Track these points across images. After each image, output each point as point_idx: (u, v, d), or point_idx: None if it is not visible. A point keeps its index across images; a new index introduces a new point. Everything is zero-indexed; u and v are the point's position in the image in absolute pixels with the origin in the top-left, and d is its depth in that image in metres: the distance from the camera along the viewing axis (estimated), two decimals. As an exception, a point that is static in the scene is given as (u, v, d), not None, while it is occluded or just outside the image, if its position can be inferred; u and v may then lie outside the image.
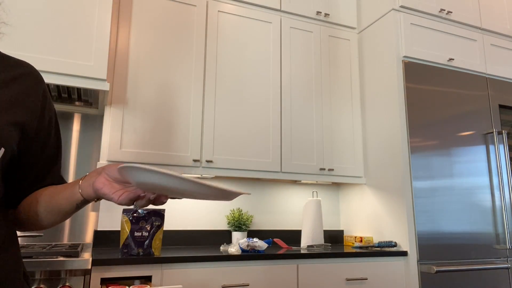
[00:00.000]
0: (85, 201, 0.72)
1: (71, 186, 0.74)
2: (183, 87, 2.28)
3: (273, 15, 2.62)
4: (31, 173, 0.80)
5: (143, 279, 1.75)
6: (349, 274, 2.13)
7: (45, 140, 0.80)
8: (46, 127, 0.80)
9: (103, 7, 1.99)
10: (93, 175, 0.71)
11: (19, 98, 0.74)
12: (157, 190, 0.66)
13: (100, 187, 0.67)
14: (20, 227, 0.82)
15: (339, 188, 2.96)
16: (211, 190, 0.64)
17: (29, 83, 0.78)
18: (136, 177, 0.62)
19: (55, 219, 0.77)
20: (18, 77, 0.76)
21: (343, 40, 2.84)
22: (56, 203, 0.75)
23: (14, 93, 0.74)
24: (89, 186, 0.70)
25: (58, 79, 1.86)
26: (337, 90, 2.74)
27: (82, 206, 0.74)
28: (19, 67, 0.78)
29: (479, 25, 2.85)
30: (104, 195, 0.67)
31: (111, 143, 2.06)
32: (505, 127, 2.75)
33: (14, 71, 0.77)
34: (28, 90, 0.77)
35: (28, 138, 0.76)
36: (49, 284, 1.53)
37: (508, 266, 2.45)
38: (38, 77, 0.80)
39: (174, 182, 0.61)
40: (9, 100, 0.72)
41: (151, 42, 2.25)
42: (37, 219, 0.78)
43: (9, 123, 0.71)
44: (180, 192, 0.66)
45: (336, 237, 2.85)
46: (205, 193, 0.66)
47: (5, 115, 0.71)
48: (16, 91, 0.75)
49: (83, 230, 2.22)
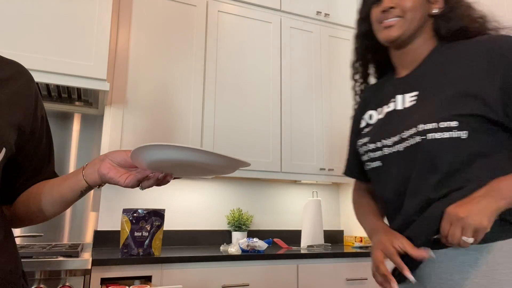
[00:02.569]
0: (89, 187, 0.76)
1: (73, 175, 0.76)
2: (183, 87, 2.28)
3: (273, 15, 2.62)
4: (26, 171, 0.81)
5: (143, 279, 1.75)
6: (349, 274, 2.13)
7: (39, 138, 0.82)
8: (39, 126, 0.81)
9: (103, 7, 1.99)
10: (96, 162, 0.74)
11: (14, 98, 0.75)
12: (168, 168, 0.69)
13: (106, 172, 0.70)
14: (18, 223, 0.83)
15: (339, 188, 2.96)
16: (223, 160, 0.67)
17: (22, 83, 0.79)
18: (149, 156, 0.65)
19: (57, 209, 0.80)
20: (11, 77, 0.77)
21: (343, 40, 2.84)
22: (58, 193, 0.77)
23: (10, 93, 0.75)
24: (94, 172, 0.73)
25: (58, 79, 1.86)
26: (337, 90, 2.74)
27: (85, 192, 0.78)
28: (10, 67, 0.79)
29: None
30: (110, 179, 0.70)
31: (111, 143, 2.06)
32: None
33: (6, 70, 0.77)
34: (22, 90, 0.78)
35: (24, 137, 0.77)
36: (49, 284, 1.53)
37: (508, 266, 2.45)
38: (29, 77, 0.81)
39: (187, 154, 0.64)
40: (6, 101, 0.73)
41: (151, 42, 2.25)
42: (40, 211, 0.80)
43: (8, 124, 0.72)
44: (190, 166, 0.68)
45: (336, 237, 2.85)
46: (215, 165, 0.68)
47: (4, 116, 0.71)
48: (12, 91, 0.76)
49: (83, 230, 2.22)
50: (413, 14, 0.88)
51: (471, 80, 0.82)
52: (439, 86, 0.85)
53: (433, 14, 0.91)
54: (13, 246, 0.74)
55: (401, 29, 0.89)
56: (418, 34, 0.92)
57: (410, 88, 0.91)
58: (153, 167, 0.69)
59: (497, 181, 0.76)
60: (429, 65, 0.91)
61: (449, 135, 0.79)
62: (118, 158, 0.72)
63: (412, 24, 0.89)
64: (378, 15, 0.92)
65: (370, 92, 1.06)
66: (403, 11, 0.88)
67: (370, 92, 1.06)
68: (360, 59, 1.06)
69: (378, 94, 1.01)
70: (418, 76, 0.92)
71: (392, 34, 0.90)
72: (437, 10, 0.91)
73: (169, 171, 0.71)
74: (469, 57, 0.84)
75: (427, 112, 0.83)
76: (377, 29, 0.94)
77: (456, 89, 0.82)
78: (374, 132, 0.94)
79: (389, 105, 0.94)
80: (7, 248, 0.72)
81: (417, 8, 0.88)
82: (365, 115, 1.02)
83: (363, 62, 1.06)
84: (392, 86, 0.97)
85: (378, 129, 0.93)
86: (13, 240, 0.75)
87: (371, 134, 0.95)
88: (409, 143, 0.85)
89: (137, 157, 0.67)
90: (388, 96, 0.96)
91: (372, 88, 1.07)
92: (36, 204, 0.79)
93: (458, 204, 0.75)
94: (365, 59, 1.05)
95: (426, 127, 0.81)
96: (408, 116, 0.87)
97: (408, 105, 0.89)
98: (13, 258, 0.73)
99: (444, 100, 0.82)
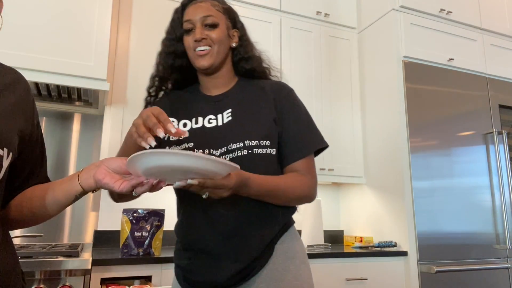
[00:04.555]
0: (84, 192, 0.78)
1: (68, 179, 0.78)
2: (183, 87, 2.28)
3: (273, 15, 2.62)
4: (20, 175, 0.83)
5: (143, 279, 1.75)
6: (349, 274, 2.13)
7: (35, 144, 0.84)
8: (35, 132, 0.84)
9: (103, 7, 1.99)
10: (92, 168, 0.76)
11: (17, 105, 0.78)
12: (162, 174, 0.73)
13: (102, 177, 0.73)
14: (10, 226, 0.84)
15: (339, 188, 2.96)
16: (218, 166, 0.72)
17: (21, 89, 0.81)
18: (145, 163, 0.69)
19: (50, 213, 0.81)
20: (12, 84, 0.79)
21: (343, 40, 2.84)
22: (53, 197, 0.79)
23: (14, 100, 0.77)
24: (90, 178, 0.76)
25: (59, 79, 1.86)
26: (337, 90, 2.74)
27: (80, 197, 0.79)
28: (10, 74, 0.81)
29: (479, 25, 2.85)
30: (105, 185, 0.73)
31: (111, 143, 2.06)
32: (505, 127, 2.75)
33: (7, 77, 0.79)
34: (22, 97, 0.80)
35: (23, 142, 0.80)
36: (49, 284, 1.53)
37: (508, 266, 2.45)
38: (26, 83, 0.83)
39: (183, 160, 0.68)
40: (11, 107, 0.76)
41: (151, 42, 2.25)
42: (33, 215, 0.81)
43: (13, 129, 0.75)
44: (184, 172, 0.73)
45: (336, 237, 2.85)
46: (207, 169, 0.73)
47: (10, 123, 0.74)
48: (15, 98, 0.78)
49: (83, 230, 2.22)
50: (219, 46, 1.10)
51: (270, 109, 1.09)
52: (250, 110, 1.09)
53: (232, 47, 1.16)
54: (12, 246, 0.75)
55: (212, 58, 1.08)
56: (225, 63, 1.15)
57: (225, 107, 1.11)
58: (148, 174, 0.72)
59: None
60: (238, 90, 1.14)
61: (264, 151, 1.02)
62: (113, 164, 0.74)
63: (220, 54, 1.11)
64: (192, 43, 1.09)
65: (174, 100, 1.17)
66: (213, 41, 1.08)
67: (174, 100, 1.17)
68: (161, 75, 1.17)
69: (187, 105, 1.14)
70: (229, 97, 1.13)
71: (205, 63, 1.08)
72: (235, 44, 1.16)
73: (164, 177, 0.74)
74: (264, 92, 1.13)
75: (248, 130, 1.04)
76: (192, 55, 1.10)
77: (265, 115, 1.08)
78: (198, 140, 1.06)
79: (209, 120, 1.09)
80: (7, 248, 0.73)
81: (222, 41, 1.10)
82: (178, 123, 1.12)
83: (163, 78, 1.17)
84: (205, 101, 1.13)
85: (201, 139, 1.06)
86: (11, 241, 0.76)
87: (195, 142, 1.06)
88: (235, 154, 1.01)
89: (133, 165, 0.70)
90: (202, 110, 1.11)
91: (175, 97, 1.18)
92: (28, 207, 0.80)
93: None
94: (165, 76, 1.17)
95: (251, 143, 1.02)
96: (230, 131, 1.05)
97: (226, 120, 1.07)
98: (13, 258, 0.73)
99: (258, 122, 1.06)
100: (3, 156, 0.70)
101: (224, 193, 0.85)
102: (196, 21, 1.09)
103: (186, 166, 0.69)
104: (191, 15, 1.09)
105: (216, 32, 1.09)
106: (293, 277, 1.01)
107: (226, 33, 1.13)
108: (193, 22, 1.09)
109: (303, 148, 1.08)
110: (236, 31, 1.18)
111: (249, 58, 1.18)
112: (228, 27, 1.14)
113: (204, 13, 1.09)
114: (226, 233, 1.00)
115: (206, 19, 1.09)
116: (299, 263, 1.04)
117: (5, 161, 0.71)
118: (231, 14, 1.17)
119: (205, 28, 1.09)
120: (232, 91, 1.14)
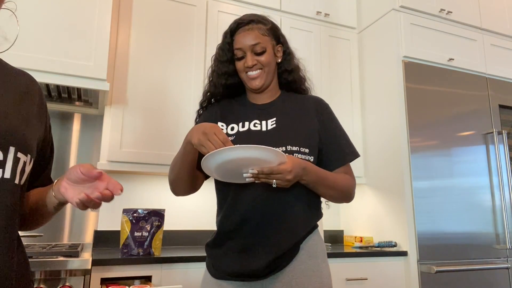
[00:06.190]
0: (60, 203, 0.76)
1: (49, 189, 0.78)
2: (183, 87, 2.28)
3: (273, 15, 2.61)
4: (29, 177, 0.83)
5: (143, 279, 1.75)
6: (349, 274, 2.13)
7: (46, 146, 0.86)
8: (48, 135, 0.86)
9: (103, 7, 1.99)
10: (58, 181, 0.75)
11: (34, 111, 0.79)
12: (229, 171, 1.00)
13: (63, 191, 0.71)
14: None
15: (339, 188, 2.95)
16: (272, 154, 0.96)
17: (37, 94, 0.82)
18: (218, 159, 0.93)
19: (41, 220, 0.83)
20: (29, 89, 0.80)
21: (343, 40, 2.84)
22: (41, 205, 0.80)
23: (34, 106, 0.79)
24: (58, 191, 0.74)
25: (58, 79, 1.86)
26: (337, 90, 2.74)
27: (60, 207, 0.78)
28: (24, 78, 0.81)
29: (479, 25, 2.85)
30: (67, 199, 0.70)
31: (111, 143, 2.06)
32: (505, 127, 2.75)
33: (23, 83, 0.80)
34: (39, 103, 0.81)
35: (38, 146, 0.81)
36: (49, 284, 1.53)
37: (508, 266, 2.45)
38: (40, 88, 0.84)
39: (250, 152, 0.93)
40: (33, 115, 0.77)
41: (151, 42, 2.25)
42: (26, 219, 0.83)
43: (35, 136, 0.76)
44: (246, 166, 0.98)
45: (336, 237, 2.85)
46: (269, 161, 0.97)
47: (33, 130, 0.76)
48: (34, 104, 0.79)
49: (83, 230, 2.22)
50: (269, 67, 1.23)
51: (312, 121, 1.23)
52: (292, 120, 1.22)
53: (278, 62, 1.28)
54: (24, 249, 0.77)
55: (262, 79, 1.22)
56: (273, 78, 1.28)
57: (270, 115, 1.23)
58: (219, 171, 0.98)
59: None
60: (281, 101, 1.27)
61: (303, 157, 1.14)
62: (72, 176, 0.71)
63: (269, 74, 1.24)
64: (243, 67, 1.22)
65: (224, 107, 1.29)
66: (263, 65, 1.21)
67: (224, 107, 1.29)
68: (213, 91, 1.30)
69: (235, 112, 1.26)
70: (274, 107, 1.26)
71: (258, 84, 1.22)
72: (280, 60, 1.28)
73: (229, 175, 0.98)
74: (306, 106, 1.27)
75: (290, 137, 1.17)
76: (244, 78, 1.23)
77: (306, 126, 1.21)
78: (244, 142, 1.16)
79: (254, 124, 1.21)
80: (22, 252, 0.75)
81: (270, 62, 1.23)
82: (227, 127, 1.24)
83: (214, 94, 1.30)
84: (251, 109, 1.26)
85: (247, 140, 1.17)
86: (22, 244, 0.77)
87: (241, 143, 1.15)
88: None
89: (206, 162, 0.91)
90: (249, 116, 1.24)
91: (224, 104, 1.31)
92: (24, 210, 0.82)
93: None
94: (217, 92, 1.29)
95: (293, 148, 1.14)
96: (273, 136, 1.17)
97: (270, 127, 1.20)
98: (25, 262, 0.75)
99: (299, 131, 1.19)
100: (26, 162, 0.72)
101: (287, 176, 1.00)
102: (246, 49, 1.20)
103: (247, 157, 0.92)
104: (241, 44, 1.21)
105: (264, 56, 1.21)
106: (314, 274, 1.12)
107: (273, 54, 1.24)
108: (244, 50, 1.21)
109: (344, 157, 1.23)
110: (280, 46, 1.29)
111: (292, 70, 1.29)
112: (273, 46, 1.25)
113: (253, 41, 1.20)
114: (263, 228, 1.11)
115: (255, 47, 1.20)
116: (320, 261, 1.15)
117: (28, 166, 0.73)
118: (275, 32, 1.27)
119: (254, 55, 1.20)
120: (276, 102, 1.27)
